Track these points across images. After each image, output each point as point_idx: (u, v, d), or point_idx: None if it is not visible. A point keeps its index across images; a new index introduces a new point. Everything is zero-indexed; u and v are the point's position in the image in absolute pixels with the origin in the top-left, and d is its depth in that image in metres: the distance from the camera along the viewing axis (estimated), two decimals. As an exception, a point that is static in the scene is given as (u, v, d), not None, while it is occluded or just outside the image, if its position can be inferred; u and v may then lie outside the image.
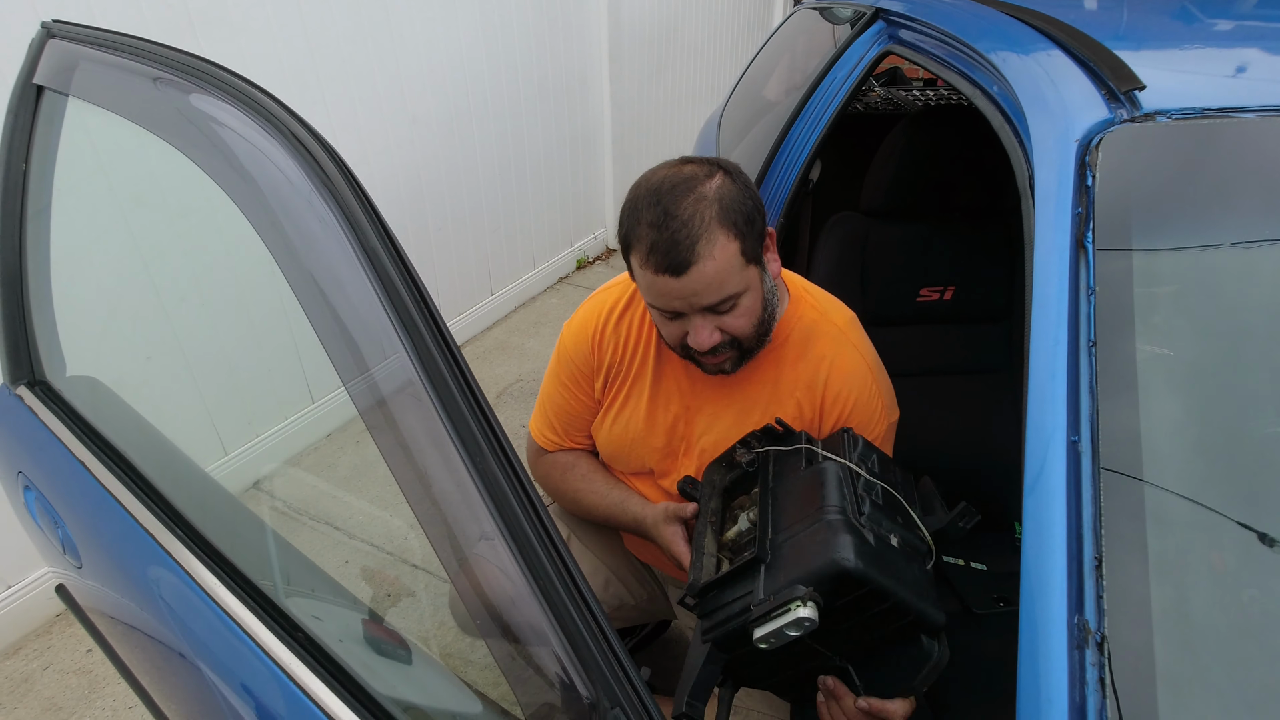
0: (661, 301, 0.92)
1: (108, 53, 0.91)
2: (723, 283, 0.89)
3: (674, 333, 0.96)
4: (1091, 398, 0.58)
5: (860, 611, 0.72)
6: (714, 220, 0.87)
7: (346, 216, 0.64)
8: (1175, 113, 0.71)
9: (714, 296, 0.89)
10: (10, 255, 1.02)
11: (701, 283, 0.87)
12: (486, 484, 0.55)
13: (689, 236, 0.86)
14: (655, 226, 0.87)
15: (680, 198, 0.88)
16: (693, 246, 0.86)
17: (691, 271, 0.86)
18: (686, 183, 0.89)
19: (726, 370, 1.00)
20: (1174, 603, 0.51)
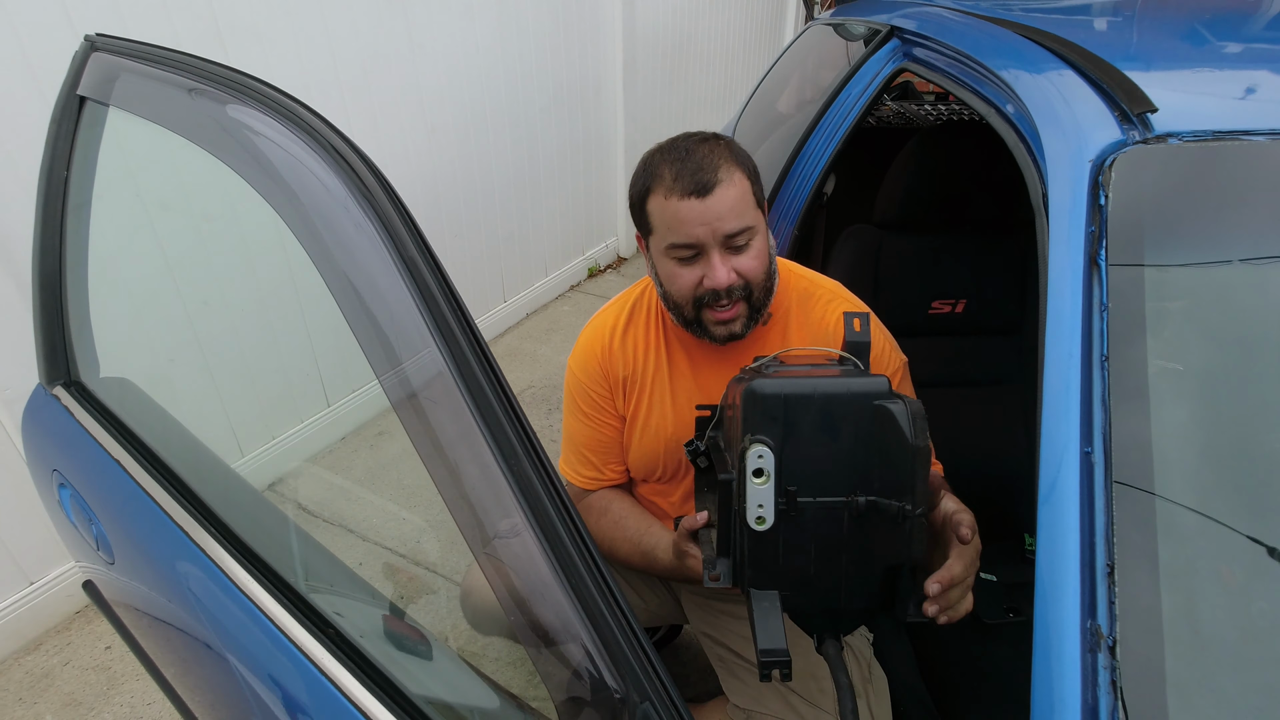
0: (684, 231, 0.96)
1: (148, 65, 0.94)
2: (742, 210, 0.95)
3: (690, 280, 0.99)
4: (1104, 411, 0.60)
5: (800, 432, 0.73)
6: (729, 158, 0.96)
7: (384, 224, 0.67)
8: (1187, 135, 0.73)
9: (734, 223, 0.95)
10: (50, 259, 1.06)
11: (725, 205, 0.94)
12: (518, 480, 0.57)
13: (712, 164, 0.94)
14: (677, 163, 0.96)
15: (696, 144, 0.97)
16: (715, 171, 0.94)
17: (716, 192, 0.93)
18: (698, 136, 1.00)
19: (737, 332, 1.01)
20: (1183, 610, 0.53)
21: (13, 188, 1.56)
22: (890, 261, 1.50)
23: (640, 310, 1.16)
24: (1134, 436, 0.59)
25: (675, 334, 1.13)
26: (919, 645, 1.28)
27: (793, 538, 0.75)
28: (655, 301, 1.15)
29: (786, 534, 0.75)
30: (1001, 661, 1.28)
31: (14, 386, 1.60)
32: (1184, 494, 0.57)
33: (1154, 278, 0.66)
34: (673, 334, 1.13)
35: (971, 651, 1.30)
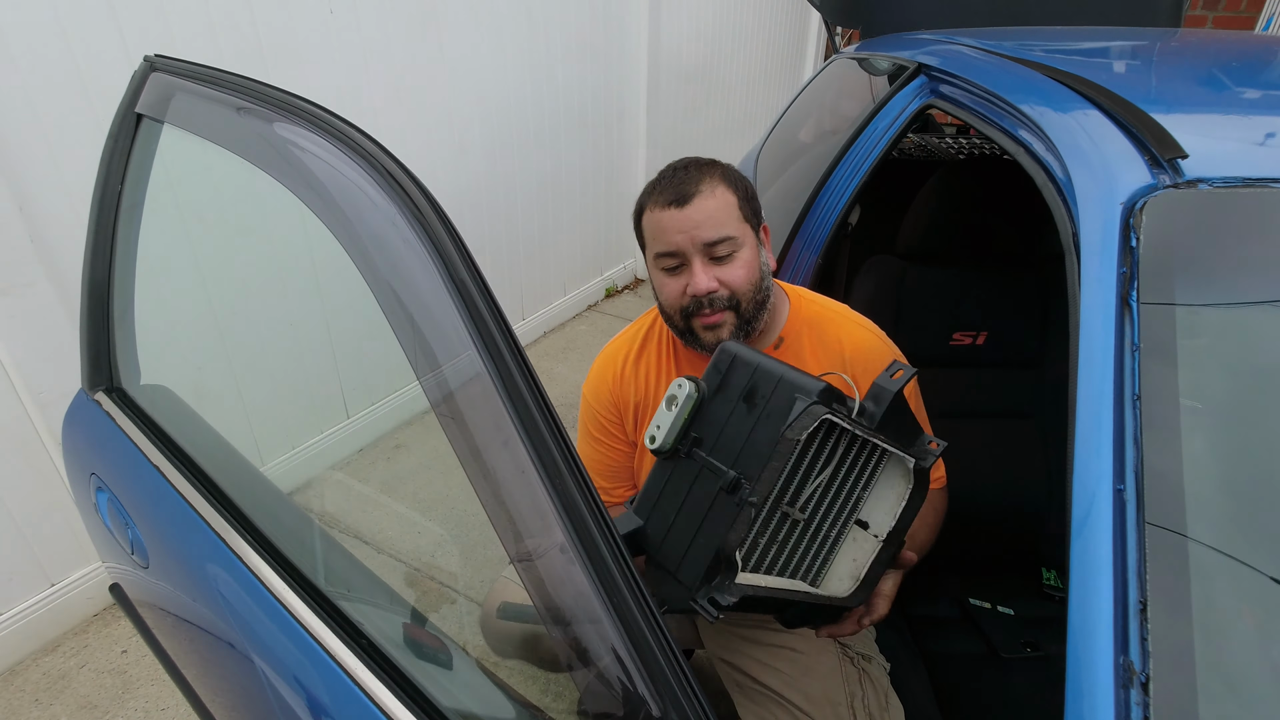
0: (665, 239, 1.01)
1: (202, 84, 0.98)
2: (721, 221, 1.00)
3: (676, 289, 1.04)
4: (1136, 448, 0.61)
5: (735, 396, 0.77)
6: (718, 176, 1.02)
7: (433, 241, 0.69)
8: (1217, 181, 0.74)
9: (712, 232, 1.00)
10: (99, 269, 1.09)
11: (702, 214, 0.99)
12: (561, 497, 0.58)
13: (695, 179, 1.01)
14: (666, 179, 1.03)
15: (686, 165, 1.05)
16: (697, 184, 1.00)
17: (695, 202, 0.99)
18: (693, 160, 1.07)
19: (725, 339, 1.02)
20: (1216, 648, 0.54)
21: (62, 202, 1.61)
22: (912, 292, 1.51)
23: (653, 337, 1.19)
24: (1166, 474, 0.60)
25: (686, 357, 1.15)
26: (936, 677, 1.27)
27: (677, 483, 0.78)
28: (666, 327, 1.18)
29: (674, 477, 0.78)
30: (1019, 695, 1.27)
31: (49, 390, 1.63)
32: (1216, 532, 0.58)
33: (1185, 318, 0.67)
34: (684, 357, 1.16)
35: (988, 685, 1.29)
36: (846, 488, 0.84)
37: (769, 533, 0.80)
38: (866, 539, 0.85)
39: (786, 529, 0.82)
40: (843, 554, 0.86)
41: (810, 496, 0.81)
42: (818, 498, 0.82)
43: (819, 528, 0.84)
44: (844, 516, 0.85)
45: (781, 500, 0.79)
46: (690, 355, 1.15)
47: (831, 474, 0.81)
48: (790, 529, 0.82)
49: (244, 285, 2.02)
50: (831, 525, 0.84)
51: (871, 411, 0.81)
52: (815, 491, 0.81)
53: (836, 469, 0.82)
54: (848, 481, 0.84)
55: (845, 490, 0.84)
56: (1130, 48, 1.33)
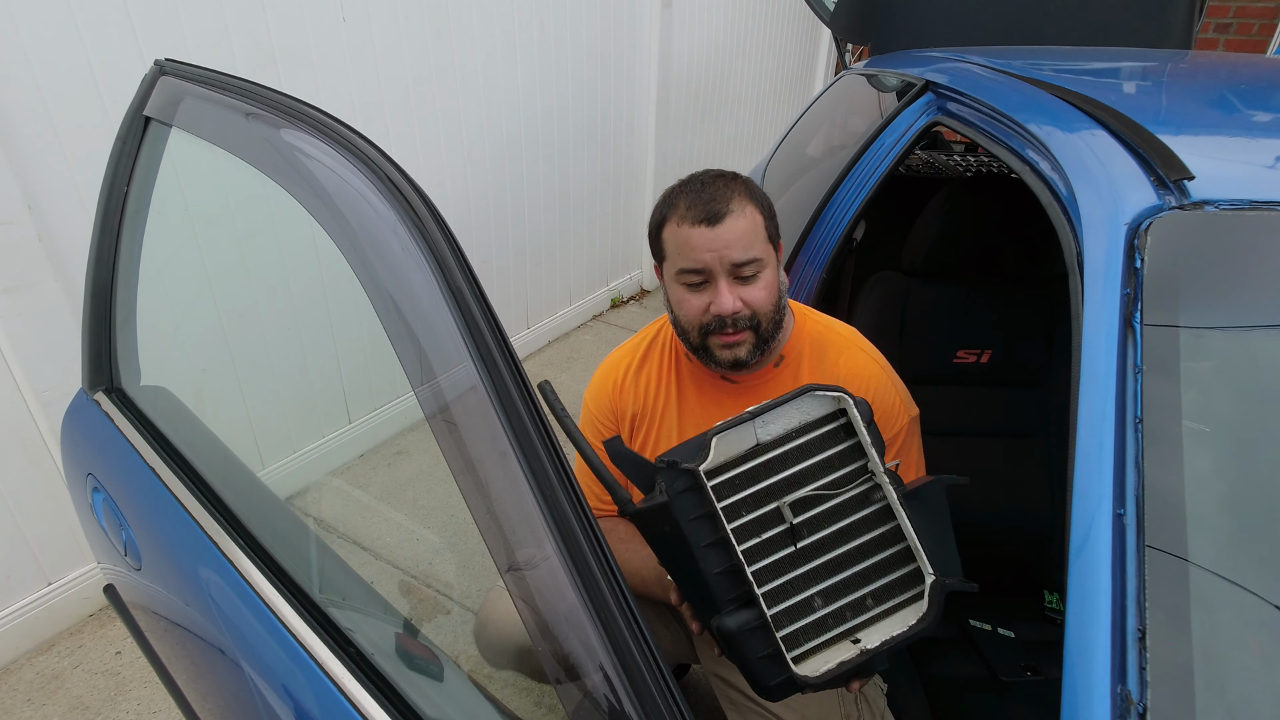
0: (693, 257, 1.00)
1: (211, 89, 0.99)
2: (750, 241, 0.99)
3: (697, 306, 1.02)
4: (1137, 473, 0.60)
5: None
6: (744, 194, 1.01)
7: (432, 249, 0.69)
8: (1223, 203, 0.74)
9: (741, 253, 0.99)
10: (103, 270, 1.10)
11: (733, 234, 0.98)
12: (550, 507, 0.58)
13: (725, 196, 0.99)
14: (692, 194, 1.01)
15: (713, 179, 1.03)
16: (727, 202, 0.99)
17: (726, 221, 0.98)
18: (716, 172, 1.05)
19: (742, 358, 1.03)
20: (1216, 678, 0.52)
21: (72, 203, 1.62)
22: (917, 309, 1.51)
23: (655, 348, 1.19)
24: (1167, 499, 0.59)
25: (688, 370, 1.15)
26: (934, 699, 1.25)
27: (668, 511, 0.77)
28: (670, 339, 1.18)
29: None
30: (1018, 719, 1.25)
31: (52, 389, 1.64)
32: (1218, 559, 0.57)
33: (1189, 341, 0.66)
34: (685, 371, 1.15)
35: (988, 709, 1.27)
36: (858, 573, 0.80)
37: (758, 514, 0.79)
38: (849, 648, 0.79)
39: (780, 534, 0.79)
40: (827, 650, 0.79)
41: (806, 500, 0.79)
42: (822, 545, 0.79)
43: (816, 594, 0.79)
44: (841, 614, 0.80)
45: (785, 493, 0.79)
46: (693, 370, 1.14)
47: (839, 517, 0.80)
48: (780, 544, 0.79)
49: (248, 289, 2.03)
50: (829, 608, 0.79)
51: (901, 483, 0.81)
52: (812, 491, 0.80)
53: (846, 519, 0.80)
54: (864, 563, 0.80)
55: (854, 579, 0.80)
56: (1139, 69, 1.32)
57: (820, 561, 0.79)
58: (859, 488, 0.81)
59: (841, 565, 0.80)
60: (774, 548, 0.79)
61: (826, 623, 0.79)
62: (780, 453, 0.80)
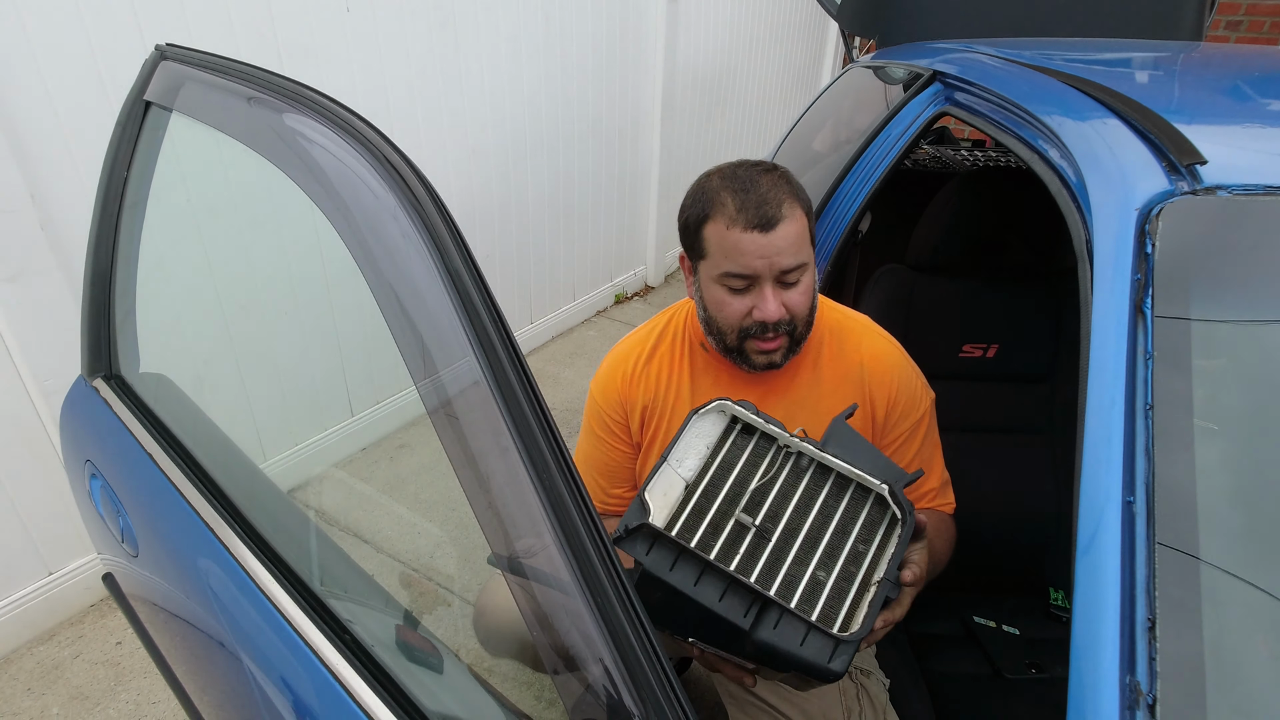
0: (741, 263, 0.97)
1: (212, 74, 0.98)
2: (799, 247, 0.96)
3: (738, 310, 1.00)
4: (1147, 460, 0.59)
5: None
6: (791, 194, 0.97)
7: (431, 234, 0.68)
8: (1236, 188, 0.72)
9: (791, 259, 0.97)
10: (103, 256, 1.09)
11: (786, 241, 0.95)
12: (549, 495, 0.57)
13: (776, 199, 0.95)
14: (741, 193, 0.96)
15: (758, 175, 0.98)
16: (780, 206, 0.95)
17: (780, 228, 0.94)
18: (759, 166, 1.00)
19: (776, 362, 1.03)
20: (1228, 668, 0.51)
21: (75, 191, 1.62)
22: (922, 303, 1.49)
23: (665, 338, 1.17)
24: (1178, 486, 0.57)
25: (702, 360, 1.13)
26: (937, 695, 1.24)
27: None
28: (682, 328, 1.16)
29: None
30: (1021, 718, 1.24)
31: (54, 378, 1.64)
32: (1230, 548, 0.55)
33: (1201, 327, 0.65)
34: (699, 360, 1.14)
35: (991, 706, 1.26)
36: (836, 528, 0.83)
37: (724, 537, 0.81)
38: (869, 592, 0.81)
39: (751, 542, 0.81)
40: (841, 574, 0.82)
41: (754, 503, 0.84)
42: (794, 527, 0.83)
43: (815, 570, 0.80)
44: (849, 571, 0.81)
45: (734, 507, 0.83)
46: (707, 360, 1.13)
47: (792, 495, 0.85)
48: (756, 544, 0.81)
49: (250, 277, 2.03)
50: (832, 573, 0.81)
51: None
52: (758, 499, 0.84)
53: (798, 491, 0.85)
54: (838, 520, 0.84)
55: (838, 533, 0.83)
56: (1151, 59, 1.31)
57: (800, 541, 0.82)
58: (787, 464, 0.87)
59: (819, 533, 0.83)
60: (754, 555, 0.80)
61: (842, 587, 0.80)
62: (709, 480, 0.85)
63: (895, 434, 1.11)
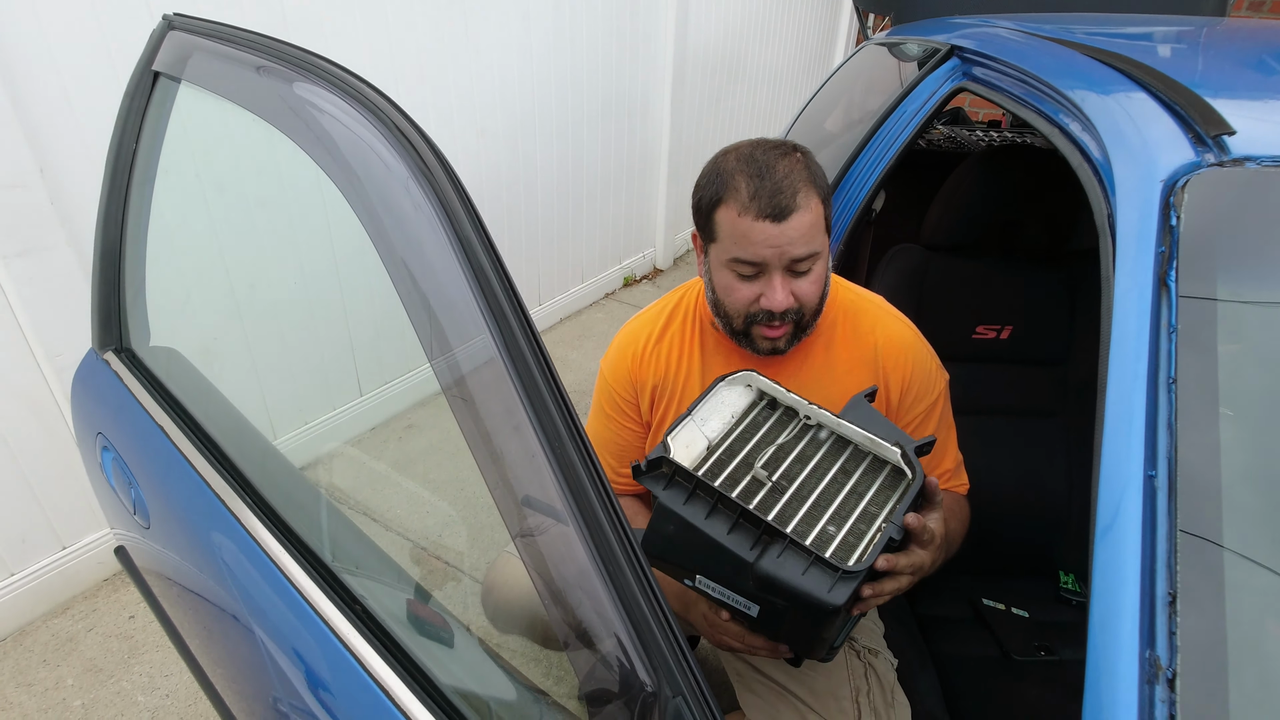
0: (751, 251, 0.95)
1: (220, 43, 0.97)
2: (812, 237, 0.94)
3: (745, 296, 0.99)
4: (1170, 434, 0.58)
5: None
6: (808, 181, 0.94)
7: (444, 205, 0.68)
8: (1266, 160, 0.70)
9: (803, 249, 0.94)
10: (112, 229, 1.09)
11: (798, 231, 0.93)
12: (562, 466, 0.56)
13: (791, 188, 0.92)
14: (755, 178, 0.93)
15: (776, 159, 0.94)
16: (794, 195, 0.92)
17: (792, 219, 0.92)
18: (779, 149, 0.97)
19: (780, 348, 1.02)
20: (1250, 644, 0.50)
21: (84, 165, 1.61)
22: (936, 283, 1.47)
23: (676, 318, 1.16)
24: (1200, 460, 0.56)
25: (713, 340, 1.12)
26: (945, 676, 1.24)
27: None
28: (693, 307, 1.15)
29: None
30: (1030, 700, 1.23)
31: (65, 353, 1.64)
32: (1253, 522, 0.54)
33: (1227, 301, 0.64)
34: (710, 340, 1.13)
35: (999, 687, 1.26)
36: (851, 490, 0.87)
37: (740, 488, 0.85)
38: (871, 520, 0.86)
39: (767, 493, 0.85)
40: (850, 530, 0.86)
41: (772, 459, 0.88)
42: (809, 486, 0.86)
43: (827, 525, 0.84)
44: (859, 529, 0.84)
45: (751, 467, 0.87)
46: (718, 339, 1.12)
47: (809, 461, 0.89)
48: (771, 499, 0.84)
49: (260, 250, 2.02)
50: (842, 530, 0.84)
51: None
52: (776, 459, 0.88)
53: (818, 456, 0.89)
54: (853, 482, 0.88)
55: (851, 495, 0.87)
56: (1174, 33, 1.28)
57: (813, 499, 0.85)
58: (806, 435, 0.91)
59: (832, 496, 0.86)
60: (767, 506, 0.83)
61: (849, 541, 0.82)
62: (731, 442, 0.90)
63: (910, 416, 1.10)
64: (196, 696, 1.64)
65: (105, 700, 1.63)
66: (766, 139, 0.99)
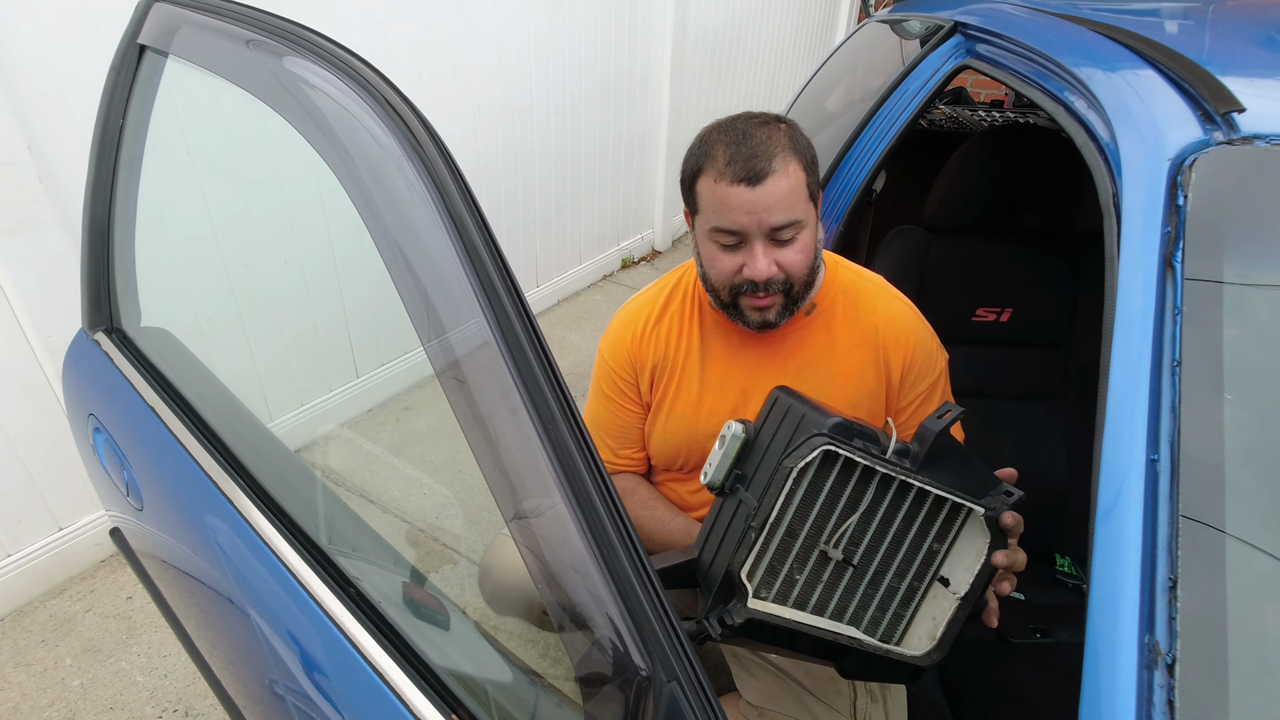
0: (729, 218, 0.94)
1: (209, 16, 0.95)
2: (792, 203, 0.92)
3: (729, 266, 0.98)
4: (1173, 418, 0.57)
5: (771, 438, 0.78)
6: (788, 147, 0.93)
7: (436, 182, 0.66)
8: (1275, 138, 0.69)
9: (782, 215, 0.92)
10: (100, 206, 1.07)
11: (774, 197, 0.91)
12: (556, 449, 0.55)
13: (767, 152, 0.91)
14: (733, 145, 0.92)
15: (756, 128, 0.94)
16: (770, 160, 0.91)
17: (768, 182, 0.90)
18: (760, 118, 0.95)
19: (771, 320, 1.00)
20: (1250, 629, 0.50)
21: (72, 142, 1.59)
22: (936, 265, 1.46)
23: (676, 297, 1.15)
24: (1203, 445, 0.56)
25: (712, 319, 1.11)
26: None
27: (724, 518, 0.79)
28: (692, 287, 1.14)
29: (723, 511, 0.80)
30: (1026, 682, 1.24)
31: (59, 334, 1.63)
32: (1256, 508, 0.54)
33: (1234, 282, 0.62)
34: (710, 320, 1.12)
35: (996, 670, 1.26)
36: (915, 539, 0.81)
37: (807, 570, 0.79)
38: (946, 596, 0.82)
39: (833, 571, 0.80)
40: (923, 611, 0.84)
41: (844, 535, 0.79)
42: (878, 546, 0.80)
43: (890, 580, 0.82)
44: (922, 572, 0.82)
45: (818, 538, 0.78)
46: (717, 319, 1.11)
47: (887, 522, 0.80)
48: (839, 572, 0.80)
49: (253, 230, 2.00)
50: (906, 579, 0.82)
51: (915, 452, 0.78)
52: (847, 531, 0.79)
53: (896, 518, 0.80)
54: (918, 533, 0.81)
55: (916, 543, 0.81)
56: (1182, 8, 1.25)
57: (881, 555, 0.81)
58: (885, 493, 0.79)
59: (900, 545, 0.81)
60: (836, 584, 0.81)
61: (915, 589, 0.82)
62: (797, 518, 0.78)
63: (912, 395, 1.09)
64: (194, 677, 1.64)
65: (104, 680, 1.64)
66: (752, 111, 0.98)
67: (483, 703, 0.71)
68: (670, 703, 0.50)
